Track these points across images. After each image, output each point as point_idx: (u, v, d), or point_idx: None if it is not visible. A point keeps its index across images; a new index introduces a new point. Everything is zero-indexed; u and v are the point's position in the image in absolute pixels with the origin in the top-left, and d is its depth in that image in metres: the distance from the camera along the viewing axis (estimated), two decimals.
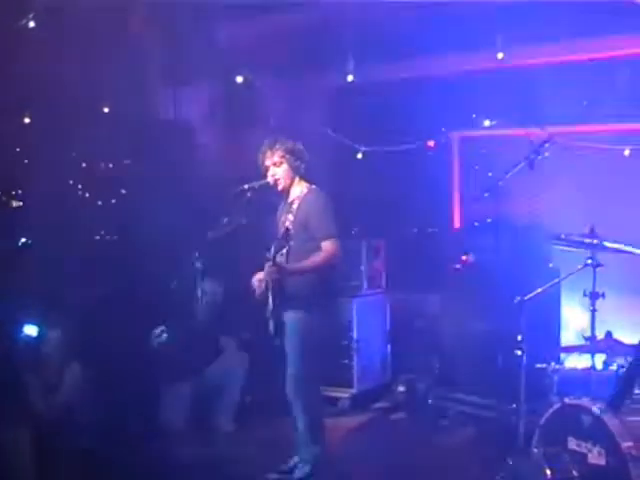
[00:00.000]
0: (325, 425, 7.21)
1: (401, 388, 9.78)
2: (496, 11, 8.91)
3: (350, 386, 9.54)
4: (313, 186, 7.21)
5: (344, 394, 9.51)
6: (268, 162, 7.14)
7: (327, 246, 6.94)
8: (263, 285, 7.07)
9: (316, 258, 6.91)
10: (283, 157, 7.08)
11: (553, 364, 6.71)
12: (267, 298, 7.01)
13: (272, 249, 6.75)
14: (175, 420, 8.53)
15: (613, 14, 8.21)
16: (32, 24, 8.68)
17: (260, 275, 7.09)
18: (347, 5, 9.25)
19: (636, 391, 6.06)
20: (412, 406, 9.38)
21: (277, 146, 7.11)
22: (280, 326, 6.93)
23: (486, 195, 6.48)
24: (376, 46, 9.82)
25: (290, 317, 6.96)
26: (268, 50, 9.74)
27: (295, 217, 7.03)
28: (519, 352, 6.60)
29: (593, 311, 6.48)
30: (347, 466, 7.54)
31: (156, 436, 8.04)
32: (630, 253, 6.43)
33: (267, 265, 6.87)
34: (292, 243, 6.69)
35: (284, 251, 6.68)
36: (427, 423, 8.83)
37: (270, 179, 7.14)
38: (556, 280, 7.12)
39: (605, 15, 8.26)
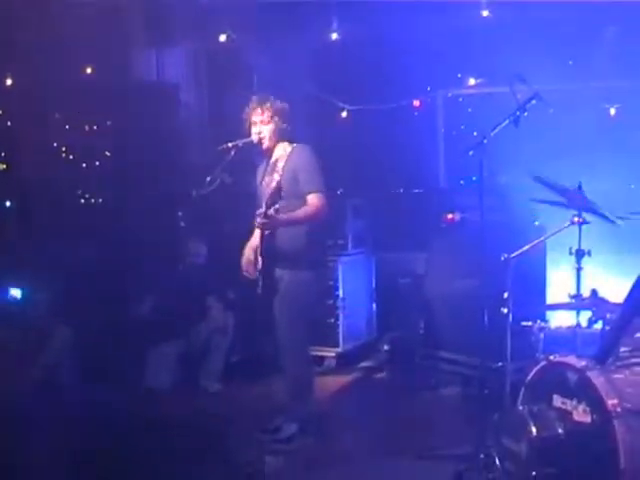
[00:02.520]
0: (313, 384, 7.21)
1: (386, 347, 9.80)
2: None
3: (336, 345, 9.56)
4: (297, 144, 7.17)
5: (330, 353, 9.52)
6: (256, 119, 7.08)
7: (313, 199, 6.92)
8: (252, 257, 7.07)
9: (305, 209, 6.90)
10: (271, 117, 7.04)
11: (539, 322, 6.71)
12: (256, 261, 7.00)
13: (263, 206, 6.71)
14: (161, 380, 8.53)
15: None
16: None
17: (249, 247, 7.11)
18: None
19: (622, 348, 6.07)
20: (397, 365, 9.41)
21: (267, 104, 7.07)
22: (269, 285, 6.90)
23: (471, 153, 6.44)
24: (361, 2, 9.76)
25: (279, 276, 6.95)
26: (251, 8, 9.68)
27: (282, 176, 6.98)
28: (505, 310, 6.60)
29: (579, 269, 6.47)
30: (333, 425, 7.55)
31: (142, 397, 8.05)
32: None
33: (258, 217, 6.83)
34: (282, 202, 6.64)
35: (276, 207, 6.62)
36: (412, 381, 8.84)
37: (255, 137, 7.09)
38: (542, 238, 7.11)
39: None
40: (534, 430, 5.79)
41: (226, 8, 9.93)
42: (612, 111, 9.62)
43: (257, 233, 7.01)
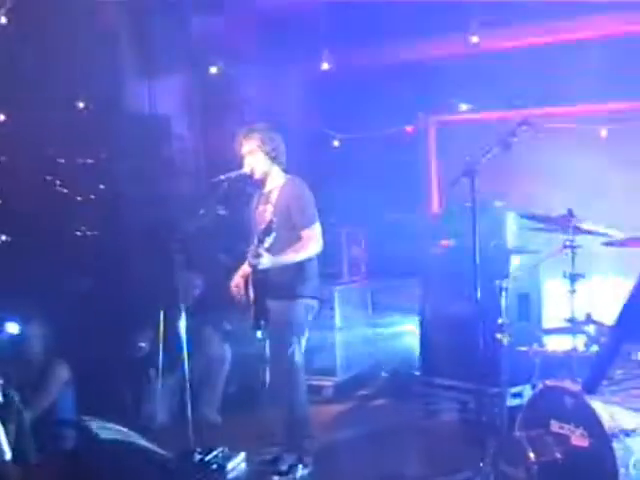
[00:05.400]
0: (310, 414, 7.20)
1: (384, 374, 9.81)
2: None
3: (333, 374, 9.54)
4: (291, 176, 7.20)
5: (327, 382, 9.50)
6: (244, 151, 7.13)
7: (308, 234, 6.93)
8: (241, 282, 7.08)
9: (297, 247, 6.90)
10: (258, 146, 7.07)
11: (535, 346, 6.73)
12: (247, 291, 7.01)
13: (255, 241, 6.72)
14: (159, 413, 8.53)
15: None
16: (3, 20, 8.62)
17: (239, 272, 7.11)
18: None
19: (617, 371, 6.08)
20: (395, 392, 9.41)
21: (251, 135, 7.10)
22: (261, 317, 6.89)
23: (463, 179, 6.47)
24: (351, 32, 9.81)
25: (272, 307, 6.92)
26: (241, 38, 9.72)
27: (275, 207, 7.02)
28: (500, 335, 6.61)
29: (573, 292, 6.49)
30: (332, 454, 7.54)
31: (140, 428, 8.03)
32: (606, 235, 6.46)
33: (249, 255, 6.84)
34: (275, 234, 6.64)
35: (268, 242, 6.62)
36: (410, 409, 8.84)
37: (247, 168, 7.12)
38: (536, 262, 7.13)
39: None
40: (532, 455, 5.81)
41: (217, 40, 9.97)
42: (603, 132, 9.64)
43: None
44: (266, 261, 6.67)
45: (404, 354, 9.73)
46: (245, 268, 7.09)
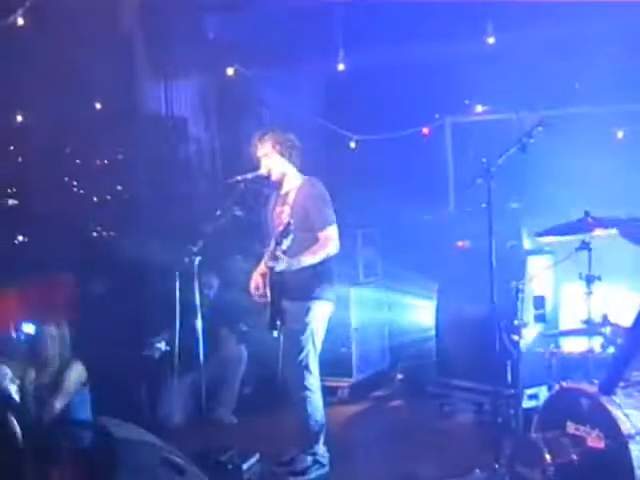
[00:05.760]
0: (325, 415, 7.20)
1: (400, 376, 9.80)
2: None
3: (349, 375, 9.53)
4: (307, 177, 7.20)
5: (343, 383, 9.50)
6: (259, 153, 7.13)
7: (325, 235, 6.93)
8: (260, 280, 7.07)
9: (315, 249, 6.90)
10: (273, 148, 7.07)
11: (551, 347, 6.71)
12: (265, 290, 7.00)
13: (272, 242, 6.72)
14: (175, 414, 8.55)
15: None
16: (20, 21, 8.66)
17: (257, 271, 7.10)
18: None
19: (634, 373, 6.07)
20: (411, 393, 9.41)
21: (266, 137, 7.11)
22: (278, 318, 6.89)
23: (479, 181, 6.47)
24: (367, 33, 9.82)
25: (288, 308, 6.94)
26: (258, 41, 9.74)
27: (292, 208, 7.03)
28: (516, 337, 6.60)
29: (589, 294, 6.48)
30: (347, 455, 7.54)
31: (156, 428, 8.04)
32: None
33: (266, 257, 6.85)
34: (292, 235, 6.63)
35: (285, 245, 6.62)
36: (426, 410, 8.84)
37: (264, 170, 7.13)
38: (552, 264, 7.12)
39: None
40: (548, 457, 5.79)
41: (233, 42, 9.99)
42: (619, 134, 9.63)
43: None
44: (283, 264, 6.67)
45: (420, 353, 9.71)
46: (262, 267, 7.08)
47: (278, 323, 6.80)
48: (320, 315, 7.03)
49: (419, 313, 9.90)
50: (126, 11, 9.47)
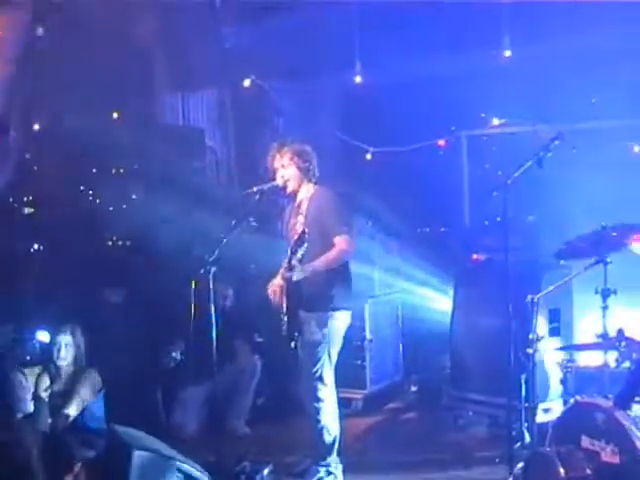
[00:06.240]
0: (339, 427, 7.19)
1: (414, 388, 9.79)
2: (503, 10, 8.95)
3: (363, 387, 9.52)
4: (319, 186, 7.20)
5: (357, 395, 9.49)
6: (277, 164, 7.14)
7: (340, 242, 6.92)
8: (278, 290, 7.05)
9: (329, 255, 6.90)
10: (291, 159, 7.07)
11: (566, 362, 6.69)
12: (282, 300, 7.00)
13: (288, 253, 6.73)
14: (189, 423, 8.56)
15: None
16: (40, 31, 8.71)
17: (274, 281, 7.08)
18: (354, 6, 9.27)
19: None
20: (424, 406, 9.40)
21: (285, 149, 7.11)
22: (294, 328, 6.90)
23: (495, 194, 6.47)
24: (384, 46, 9.83)
25: (305, 319, 6.94)
26: (275, 53, 9.76)
27: (305, 218, 7.04)
28: (531, 351, 6.60)
29: (605, 308, 6.47)
30: (361, 467, 7.52)
31: (169, 438, 8.05)
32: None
33: (283, 268, 6.86)
34: (307, 245, 6.64)
35: (300, 254, 6.63)
36: (440, 422, 8.82)
37: (280, 181, 7.14)
38: (567, 278, 7.11)
39: None
40: (562, 471, 5.76)
41: (250, 53, 10.02)
42: (636, 149, 9.61)
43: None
44: (299, 272, 6.68)
45: (434, 367, 9.70)
46: (279, 278, 7.06)
47: (295, 335, 6.81)
48: (337, 326, 7.02)
49: (433, 325, 9.89)
50: (145, 22, 9.49)
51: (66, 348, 7.67)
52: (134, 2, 9.11)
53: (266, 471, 7.31)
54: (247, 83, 10.49)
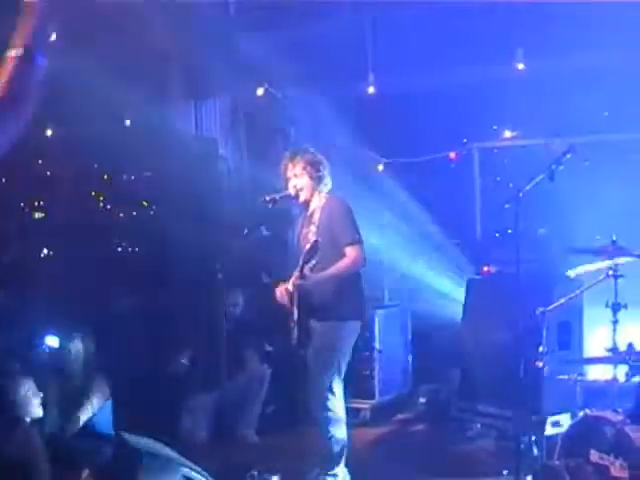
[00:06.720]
0: (347, 438, 7.18)
1: (422, 399, 9.78)
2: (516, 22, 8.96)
3: (371, 397, 9.53)
4: (330, 195, 7.21)
5: (365, 405, 9.49)
6: (289, 174, 7.15)
7: (350, 252, 6.93)
8: (287, 297, 7.05)
9: (340, 264, 6.91)
10: (304, 169, 7.08)
11: (575, 375, 6.69)
12: (291, 306, 7.00)
13: (300, 262, 6.74)
14: (198, 431, 8.56)
15: None
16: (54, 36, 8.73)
17: (284, 287, 7.08)
18: (367, 17, 9.28)
19: None
20: (433, 417, 9.39)
21: (298, 158, 7.13)
22: (304, 337, 6.91)
23: (507, 206, 6.48)
24: (397, 57, 9.84)
25: (315, 327, 6.95)
26: (289, 62, 9.78)
27: (317, 227, 7.04)
28: (540, 363, 6.59)
29: (615, 322, 6.46)
30: (368, 477, 7.52)
31: (178, 445, 8.05)
32: None
33: (294, 276, 6.87)
34: (319, 253, 6.66)
35: (312, 263, 6.65)
36: (448, 434, 8.81)
37: (292, 190, 7.15)
38: (578, 291, 7.11)
39: None
40: None
41: (264, 62, 10.03)
42: None
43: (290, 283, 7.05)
44: (310, 280, 6.70)
45: (443, 379, 9.69)
46: (290, 286, 7.06)
47: (305, 343, 6.81)
48: (348, 336, 7.03)
49: (443, 336, 9.88)
50: (158, 30, 9.51)
51: (76, 354, 7.68)
52: (148, 9, 9.12)
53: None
54: (260, 92, 10.51)
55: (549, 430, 7.14)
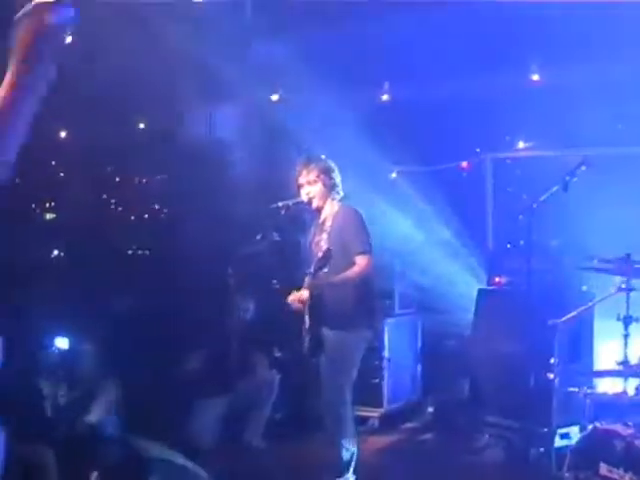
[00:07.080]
0: (356, 446, 7.17)
1: (430, 409, 9.76)
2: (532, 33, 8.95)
3: (380, 405, 9.51)
4: (343, 203, 7.22)
5: (373, 413, 9.48)
6: (303, 180, 7.15)
7: (361, 261, 6.93)
8: (296, 300, 7.04)
9: (349, 272, 6.90)
10: (318, 177, 7.08)
11: (585, 388, 6.67)
12: (303, 316, 7.00)
13: (312, 269, 6.75)
14: (206, 437, 8.55)
15: None
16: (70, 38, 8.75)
17: (296, 295, 7.07)
18: (382, 24, 9.28)
19: None
20: (441, 427, 9.37)
21: (312, 165, 7.13)
22: (315, 344, 6.91)
23: (520, 217, 6.48)
24: (411, 66, 9.85)
25: (326, 335, 6.94)
26: (304, 67, 9.79)
27: (329, 235, 7.05)
28: (551, 375, 6.58)
29: (626, 335, 6.45)
30: None
31: (185, 450, 8.05)
32: None
33: (306, 280, 6.88)
34: (331, 261, 6.66)
35: (324, 271, 6.66)
36: (456, 444, 8.79)
37: (304, 197, 7.15)
38: (590, 304, 7.09)
39: None
40: None
41: (278, 68, 10.05)
42: None
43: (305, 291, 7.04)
44: (320, 287, 6.71)
45: (452, 388, 9.68)
46: (302, 292, 7.05)
47: (316, 351, 6.81)
48: (359, 344, 7.03)
49: (453, 346, 9.87)
50: (173, 34, 9.53)
51: (84, 357, 7.69)
52: (163, 13, 9.14)
53: None
54: (275, 97, 10.54)
55: (558, 442, 7.14)
